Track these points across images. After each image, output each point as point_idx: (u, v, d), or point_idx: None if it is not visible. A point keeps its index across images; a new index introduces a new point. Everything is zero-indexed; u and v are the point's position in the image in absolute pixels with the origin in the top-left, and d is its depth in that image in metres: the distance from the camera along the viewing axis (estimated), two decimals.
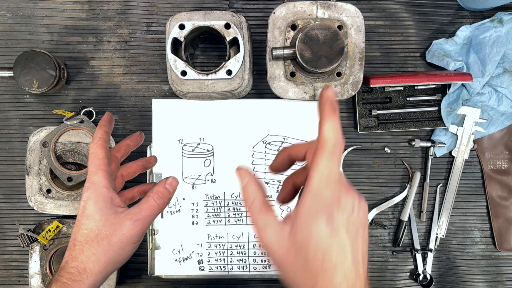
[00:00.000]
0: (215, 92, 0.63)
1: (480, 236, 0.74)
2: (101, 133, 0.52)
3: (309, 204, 0.35)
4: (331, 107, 0.35)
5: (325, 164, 0.35)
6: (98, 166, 0.49)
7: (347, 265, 0.35)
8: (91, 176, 0.49)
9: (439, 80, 0.66)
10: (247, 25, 0.62)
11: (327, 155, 0.35)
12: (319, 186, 0.35)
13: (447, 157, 0.74)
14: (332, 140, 0.35)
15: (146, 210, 0.47)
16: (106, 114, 0.56)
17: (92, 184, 0.48)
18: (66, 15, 0.71)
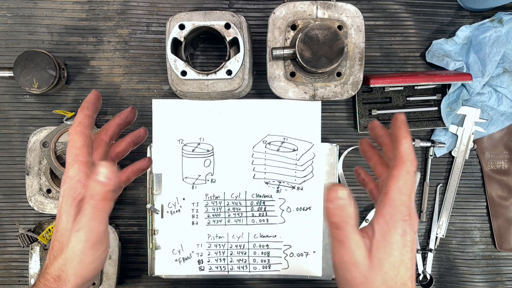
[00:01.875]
0: (215, 92, 0.63)
1: (480, 236, 0.74)
2: (81, 117, 0.46)
3: (389, 217, 0.38)
4: (407, 130, 0.40)
5: (404, 179, 0.38)
6: (75, 157, 0.44)
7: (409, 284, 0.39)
8: (67, 168, 0.44)
9: (439, 80, 0.66)
10: (247, 25, 0.62)
11: (405, 170, 0.39)
12: (397, 200, 0.38)
13: (447, 157, 0.74)
14: (410, 157, 0.39)
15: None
16: (92, 93, 0.49)
17: (68, 178, 0.44)
18: (66, 15, 0.71)
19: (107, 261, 0.67)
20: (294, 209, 0.71)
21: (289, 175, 0.71)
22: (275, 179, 0.71)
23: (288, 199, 0.71)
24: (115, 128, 0.54)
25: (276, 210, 0.71)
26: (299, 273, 0.72)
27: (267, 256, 0.72)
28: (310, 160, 0.71)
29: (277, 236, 0.72)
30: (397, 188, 0.38)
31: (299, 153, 0.71)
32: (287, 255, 0.72)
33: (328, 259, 0.72)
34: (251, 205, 0.72)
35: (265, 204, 0.71)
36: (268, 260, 0.72)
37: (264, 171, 0.71)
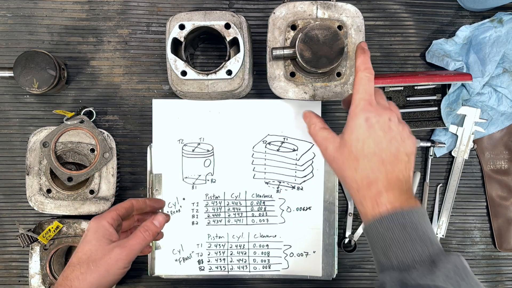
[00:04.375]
0: (215, 92, 0.63)
1: (480, 236, 0.74)
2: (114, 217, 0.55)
3: (352, 111, 0.48)
4: (362, 51, 0.50)
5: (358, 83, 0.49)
6: (115, 208, 0.56)
7: (385, 155, 0.46)
8: (105, 212, 0.55)
9: (439, 80, 0.66)
10: (247, 25, 0.62)
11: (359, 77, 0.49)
12: (356, 98, 0.48)
13: (447, 157, 0.74)
14: (362, 67, 0.49)
15: (133, 240, 0.52)
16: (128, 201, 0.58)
17: (100, 217, 0.54)
18: (66, 15, 0.71)
19: None
20: (294, 209, 0.71)
21: (289, 175, 0.71)
22: (275, 179, 0.71)
23: (288, 199, 0.71)
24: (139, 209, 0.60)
25: (276, 210, 0.72)
26: (299, 273, 0.72)
27: (267, 256, 0.72)
28: (310, 160, 0.71)
29: (277, 236, 0.72)
30: (355, 91, 0.49)
31: (299, 153, 0.71)
32: (287, 255, 0.72)
33: (328, 259, 0.72)
34: (251, 205, 0.72)
35: (265, 204, 0.72)
36: (268, 260, 0.72)
37: (264, 171, 0.71)
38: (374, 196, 0.45)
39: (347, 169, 0.47)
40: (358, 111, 0.47)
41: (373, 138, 0.46)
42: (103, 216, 0.54)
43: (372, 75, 0.49)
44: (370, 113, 0.47)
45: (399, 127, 0.47)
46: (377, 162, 0.46)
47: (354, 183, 0.47)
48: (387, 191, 0.45)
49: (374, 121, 0.46)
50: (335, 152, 0.49)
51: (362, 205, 0.47)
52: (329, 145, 0.50)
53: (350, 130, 0.47)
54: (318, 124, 0.53)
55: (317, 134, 0.52)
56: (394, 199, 0.45)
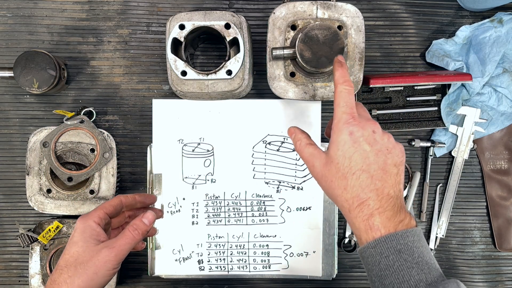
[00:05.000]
0: (215, 92, 0.63)
1: (480, 236, 0.74)
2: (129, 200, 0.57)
3: (335, 127, 0.47)
4: (339, 64, 0.50)
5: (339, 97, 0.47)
6: (102, 206, 0.54)
7: (373, 170, 0.44)
8: (91, 211, 0.54)
9: (439, 80, 0.66)
10: (247, 25, 0.62)
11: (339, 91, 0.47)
12: (338, 113, 0.47)
13: (447, 157, 0.74)
14: (341, 80, 0.48)
15: (122, 240, 0.51)
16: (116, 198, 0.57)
17: (86, 216, 0.52)
18: (66, 15, 0.71)
19: None
20: (294, 209, 0.71)
21: (289, 175, 0.71)
22: (275, 179, 0.71)
23: (288, 199, 0.71)
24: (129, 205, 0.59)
25: (276, 210, 0.72)
26: (299, 273, 0.72)
27: (267, 256, 0.72)
28: None
29: (277, 236, 0.72)
30: (336, 105, 0.47)
31: None
32: (287, 255, 0.72)
33: (328, 259, 0.72)
34: (251, 205, 0.72)
35: (265, 204, 0.72)
36: (268, 260, 0.72)
37: (264, 171, 0.71)
38: (367, 218, 0.43)
39: (336, 188, 0.45)
40: (341, 125, 0.46)
41: (359, 153, 0.45)
42: (89, 216, 0.52)
43: (351, 88, 0.48)
44: (353, 126, 0.45)
45: (384, 138, 0.46)
46: (366, 179, 0.44)
47: (345, 203, 0.45)
48: (379, 212, 0.43)
49: (359, 135, 0.45)
50: (323, 169, 0.47)
51: (355, 226, 0.45)
52: (315, 162, 0.48)
53: (335, 146, 0.46)
54: (303, 140, 0.51)
55: (303, 150, 0.50)
56: (387, 221, 0.43)
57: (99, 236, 0.51)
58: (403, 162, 0.47)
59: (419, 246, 0.43)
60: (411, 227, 0.44)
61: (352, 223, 0.45)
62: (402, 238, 0.42)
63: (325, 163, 0.47)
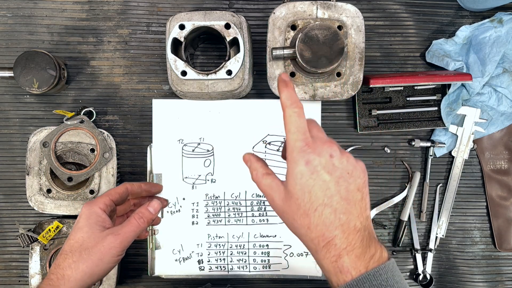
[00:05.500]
0: (215, 92, 0.63)
1: (480, 236, 0.74)
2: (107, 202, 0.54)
3: (289, 156, 0.42)
4: (284, 83, 0.46)
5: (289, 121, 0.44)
6: (108, 193, 0.54)
7: (336, 202, 0.41)
8: (97, 197, 0.54)
9: (439, 80, 0.66)
10: (247, 25, 0.62)
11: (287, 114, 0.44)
12: (290, 139, 0.43)
13: (447, 157, 0.74)
14: (288, 102, 0.45)
15: (127, 227, 0.51)
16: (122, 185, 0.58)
17: (92, 203, 0.52)
18: (66, 15, 0.71)
19: None
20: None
21: None
22: None
23: None
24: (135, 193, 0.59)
25: None
26: (299, 273, 0.72)
27: (267, 256, 0.72)
28: None
29: (277, 236, 0.72)
30: (287, 131, 0.43)
31: None
32: (287, 255, 0.72)
33: None
34: (251, 205, 0.72)
35: (265, 204, 0.72)
36: (268, 260, 0.72)
37: None
38: (335, 260, 0.40)
39: (299, 227, 0.42)
40: (295, 155, 0.42)
41: (319, 185, 0.41)
42: (95, 202, 0.52)
43: (301, 109, 0.44)
44: (309, 154, 0.41)
45: (343, 161, 0.42)
46: (330, 214, 0.40)
47: (311, 244, 0.42)
48: (347, 252, 0.40)
49: (316, 163, 0.41)
50: (283, 205, 0.43)
51: (324, 268, 0.42)
52: (274, 195, 0.44)
53: (292, 180, 0.42)
54: (260, 170, 0.46)
55: (260, 182, 0.46)
56: (357, 261, 0.40)
57: (104, 223, 0.51)
58: (366, 183, 0.43)
59: (394, 283, 0.40)
60: (383, 260, 0.41)
61: (321, 264, 0.42)
62: (375, 279, 0.39)
63: (284, 197, 0.43)
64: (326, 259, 0.41)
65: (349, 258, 0.40)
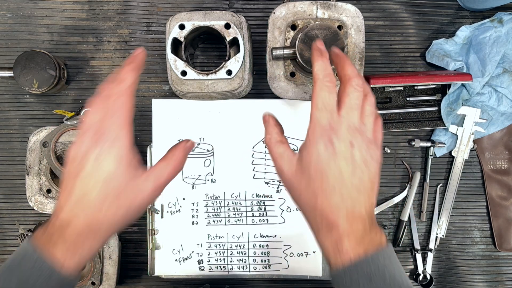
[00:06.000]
0: (215, 92, 0.63)
1: (480, 236, 0.74)
2: (132, 77, 0.42)
3: (310, 132, 0.42)
4: (319, 53, 0.44)
5: (318, 95, 0.42)
6: (124, 121, 0.42)
7: (346, 190, 0.40)
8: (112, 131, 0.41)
9: (439, 80, 0.66)
10: (247, 25, 0.62)
11: (318, 88, 0.42)
12: (315, 115, 0.41)
13: (447, 157, 0.74)
14: (321, 75, 0.42)
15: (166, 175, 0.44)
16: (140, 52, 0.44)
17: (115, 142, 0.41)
18: (66, 15, 0.71)
19: (107, 260, 0.67)
20: (294, 209, 0.71)
21: None
22: (275, 179, 0.71)
23: (288, 199, 0.71)
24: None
25: (276, 210, 0.72)
26: (299, 273, 0.72)
27: (267, 256, 0.72)
28: None
29: (277, 236, 0.72)
30: (313, 105, 0.41)
31: None
32: (287, 255, 0.72)
33: None
34: (251, 205, 0.72)
35: (265, 204, 0.71)
36: (268, 260, 0.72)
37: (264, 171, 0.71)
38: (335, 242, 0.40)
39: (305, 204, 0.42)
40: (316, 134, 0.41)
41: (333, 170, 0.40)
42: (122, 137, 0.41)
43: (333, 84, 0.42)
44: (330, 137, 0.40)
45: (363, 150, 0.41)
46: (337, 199, 0.40)
47: (314, 223, 0.42)
48: (348, 235, 0.40)
49: (336, 148, 0.40)
50: (292, 178, 0.43)
51: (324, 248, 0.42)
52: (284, 166, 0.43)
53: (308, 157, 0.41)
54: (274, 136, 0.45)
55: (273, 147, 0.45)
56: (356, 245, 0.40)
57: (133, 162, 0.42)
58: (378, 173, 0.43)
59: (391, 269, 0.40)
60: (382, 244, 0.41)
61: (321, 243, 0.42)
62: (373, 263, 0.39)
63: (295, 171, 0.42)
64: (327, 240, 0.41)
65: (349, 241, 0.40)
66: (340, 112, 0.42)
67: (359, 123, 0.43)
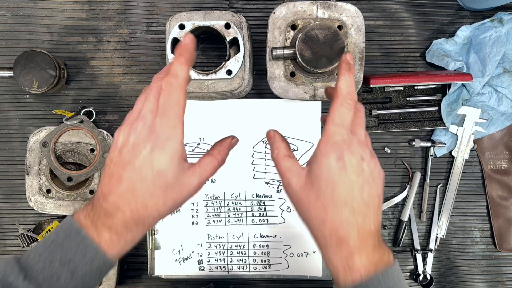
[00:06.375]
0: (215, 92, 0.63)
1: (480, 236, 0.74)
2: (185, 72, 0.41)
3: (323, 145, 0.41)
4: (348, 67, 0.43)
5: (338, 111, 0.42)
6: (179, 118, 0.40)
7: (356, 204, 0.40)
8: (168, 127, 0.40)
9: (439, 80, 0.66)
10: (247, 25, 0.62)
11: (339, 103, 0.42)
12: (330, 129, 0.41)
13: (447, 157, 0.74)
14: (345, 90, 0.42)
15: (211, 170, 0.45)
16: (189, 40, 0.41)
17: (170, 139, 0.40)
18: (66, 15, 0.71)
19: None
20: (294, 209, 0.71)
21: None
22: (275, 179, 0.71)
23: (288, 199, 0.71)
24: None
25: (276, 210, 0.71)
26: (299, 273, 0.72)
27: (267, 256, 0.72)
28: None
29: (277, 236, 0.72)
30: (330, 120, 0.42)
31: (299, 153, 0.71)
32: (287, 255, 0.72)
33: None
34: (251, 205, 0.71)
35: (265, 204, 0.71)
36: (268, 260, 0.72)
37: (264, 171, 0.71)
38: (345, 258, 0.39)
39: (314, 218, 0.41)
40: (329, 147, 0.40)
41: (344, 183, 0.40)
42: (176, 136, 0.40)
43: (354, 102, 0.42)
44: (343, 151, 0.40)
45: (371, 165, 0.41)
46: (348, 213, 0.39)
47: (322, 238, 0.41)
48: (359, 251, 0.39)
49: (347, 162, 0.40)
50: (300, 192, 0.42)
51: (331, 264, 0.41)
52: (292, 179, 0.43)
53: (319, 170, 0.40)
54: (282, 150, 0.45)
55: (280, 162, 0.44)
56: (367, 262, 0.39)
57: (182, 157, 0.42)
58: (383, 190, 0.43)
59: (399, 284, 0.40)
60: (390, 262, 0.41)
61: (329, 259, 0.41)
62: (383, 280, 0.39)
63: (304, 184, 0.42)
64: (336, 255, 0.40)
65: (360, 258, 0.39)
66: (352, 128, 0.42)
67: (365, 138, 0.44)
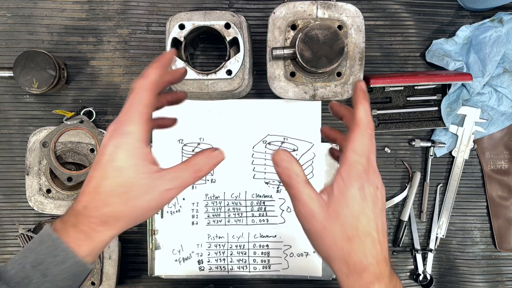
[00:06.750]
0: (215, 92, 0.63)
1: (480, 236, 0.74)
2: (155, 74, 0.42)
3: (345, 174, 0.40)
4: (364, 95, 0.42)
5: (359, 140, 0.41)
6: (140, 115, 0.41)
7: (375, 233, 0.41)
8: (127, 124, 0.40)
9: (439, 80, 0.66)
10: (247, 25, 0.62)
11: (360, 133, 0.41)
12: (352, 158, 0.40)
13: (447, 157, 0.74)
14: (365, 120, 0.41)
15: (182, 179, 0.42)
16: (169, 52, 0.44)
17: (128, 134, 0.40)
18: (66, 15, 0.71)
19: (107, 260, 0.67)
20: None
21: None
22: (275, 179, 0.71)
23: (288, 199, 0.71)
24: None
25: (276, 210, 0.71)
26: (299, 273, 0.72)
27: (267, 256, 0.72)
28: (310, 160, 0.71)
29: (277, 236, 0.72)
30: (352, 149, 0.41)
31: (299, 153, 0.71)
32: (287, 255, 0.72)
33: None
34: (251, 205, 0.71)
35: (265, 204, 0.71)
36: (268, 260, 0.72)
37: (264, 171, 0.71)
38: (366, 286, 0.40)
39: (339, 251, 0.40)
40: (353, 177, 0.40)
41: (365, 213, 0.40)
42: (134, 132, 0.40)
43: (373, 131, 0.42)
44: (363, 181, 0.40)
45: (383, 193, 0.42)
46: (370, 243, 0.40)
47: (345, 268, 0.41)
48: (378, 279, 0.40)
49: (367, 191, 0.40)
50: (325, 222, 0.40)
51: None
52: (316, 209, 0.40)
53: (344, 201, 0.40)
54: (301, 176, 0.42)
55: (302, 190, 0.41)
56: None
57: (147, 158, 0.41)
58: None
59: None
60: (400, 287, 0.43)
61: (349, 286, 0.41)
62: None
63: (327, 215, 0.40)
64: (356, 284, 0.41)
65: (379, 285, 0.40)
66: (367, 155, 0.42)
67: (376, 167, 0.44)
